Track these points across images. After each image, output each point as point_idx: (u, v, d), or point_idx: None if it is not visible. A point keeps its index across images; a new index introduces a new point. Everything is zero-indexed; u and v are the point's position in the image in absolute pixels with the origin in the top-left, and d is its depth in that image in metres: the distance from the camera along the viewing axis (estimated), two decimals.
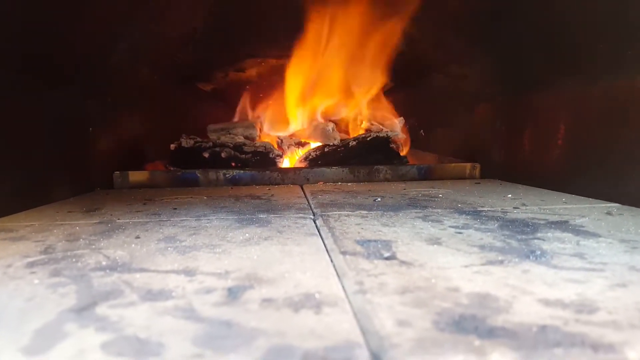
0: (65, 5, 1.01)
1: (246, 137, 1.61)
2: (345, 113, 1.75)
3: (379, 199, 1.00)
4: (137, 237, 0.68)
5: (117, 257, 0.57)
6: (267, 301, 0.42)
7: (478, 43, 1.37)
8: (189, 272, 0.50)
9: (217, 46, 1.69)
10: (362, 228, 0.71)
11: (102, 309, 0.40)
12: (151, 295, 0.43)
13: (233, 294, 0.43)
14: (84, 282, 0.48)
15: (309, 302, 0.41)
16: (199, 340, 0.34)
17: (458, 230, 0.68)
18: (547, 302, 0.40)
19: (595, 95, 0.98)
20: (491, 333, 0.35)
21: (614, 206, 0.86)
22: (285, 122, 1.78)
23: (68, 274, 0.51)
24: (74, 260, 0.56)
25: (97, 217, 0.85)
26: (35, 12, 0.96)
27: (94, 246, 0.63)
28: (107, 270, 0.52)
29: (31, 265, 0.55)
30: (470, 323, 0.36)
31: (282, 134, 1.72)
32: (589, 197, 0.96)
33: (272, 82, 1.78)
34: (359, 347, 0.33)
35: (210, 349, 0.33)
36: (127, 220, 0.81)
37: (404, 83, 1.89)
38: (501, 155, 1.38)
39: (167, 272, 0.51)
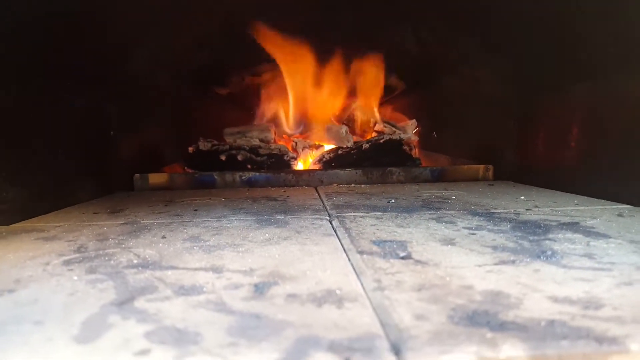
0: (90, 17, 1.05)
1: (261, 140, 1.64)
2: (358, 116, 1.77)
3: (393, 201, 1.02)
4: (164, 237, 0.71)
5: (147, 256, 0.60)
6: (291, 296, 0.45)
7: (491, 44, 1.39)
8: (217, 270, 0.54)
9: (232, 51, 1.72)
10: (377, 229, 0.74)
11: (140, 303, 0.44)
12: (184, 290, 0.47)
13: (259, 290, 0.46)
14: (120, 279, 0.51)
15: (331, 297, 0.44)
16: (232, 330, 0.37)
17: (472, 232, 0.71)
18: (555, 299, 0.43)
19: (607, 98, 0.99)
20: (502, 327, 0.37)
21: (625, 208, 0.88)
22: (300, 125, 1.81)
23: (103, 271, 0.54)
24: (106, 258, 0.60)
25: (122, 218, 0.89)
26: (61, 23, 1.01)
27: (123, 245, 0.67)
28: (140, 268, 0.55)
29: (67, 263, 0.58)
30: (483, 317, 0.39)
31: (297, 137, 1.76)
32: (601, 198, 0.97)
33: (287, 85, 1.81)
34: (380, 338, 0.36)
35: (244, 338, 0.36)
36: (152, 221, 0.85)
37: (417, 85, 1.91)
38: (514, 157, 1.40)
39: (195, 269, 0.54)
